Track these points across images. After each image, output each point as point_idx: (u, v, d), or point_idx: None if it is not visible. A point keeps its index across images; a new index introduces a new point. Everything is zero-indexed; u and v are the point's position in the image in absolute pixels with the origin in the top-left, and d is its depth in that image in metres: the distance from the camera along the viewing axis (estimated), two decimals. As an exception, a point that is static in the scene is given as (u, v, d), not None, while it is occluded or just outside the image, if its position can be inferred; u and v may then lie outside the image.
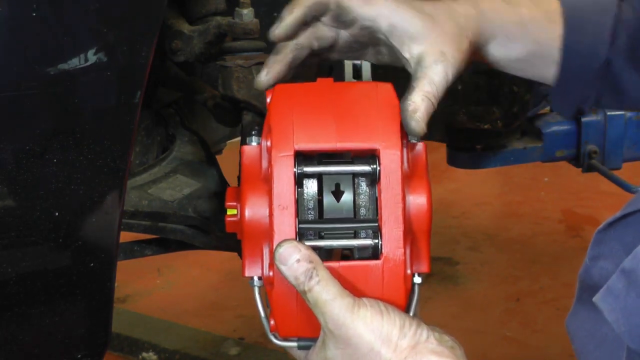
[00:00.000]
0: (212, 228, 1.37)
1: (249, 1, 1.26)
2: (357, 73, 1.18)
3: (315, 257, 0.90)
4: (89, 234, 1.03)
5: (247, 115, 1.32)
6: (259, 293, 0.97)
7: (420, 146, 0.99)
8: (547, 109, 2.24)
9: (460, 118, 1.93)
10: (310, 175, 0.95)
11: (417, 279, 0.96)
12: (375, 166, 0.93)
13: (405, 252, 0.92)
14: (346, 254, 0.99)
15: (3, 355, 1.05)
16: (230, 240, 1.39)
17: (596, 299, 0.91)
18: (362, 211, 0.95)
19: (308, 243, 0.92)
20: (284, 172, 0.92)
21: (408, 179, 0.95)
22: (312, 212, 0.95)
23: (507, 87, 1.93)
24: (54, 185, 0.97)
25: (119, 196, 1.03)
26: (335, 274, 0.91)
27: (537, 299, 3.09)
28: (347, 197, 0.96)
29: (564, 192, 3.94)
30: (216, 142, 1.76)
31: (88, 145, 0.97)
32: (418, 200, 0.95)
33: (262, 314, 0.97)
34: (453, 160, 2.17)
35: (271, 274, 0.93)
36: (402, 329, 0.90)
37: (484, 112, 1.93)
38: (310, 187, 0.95)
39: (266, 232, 0.94)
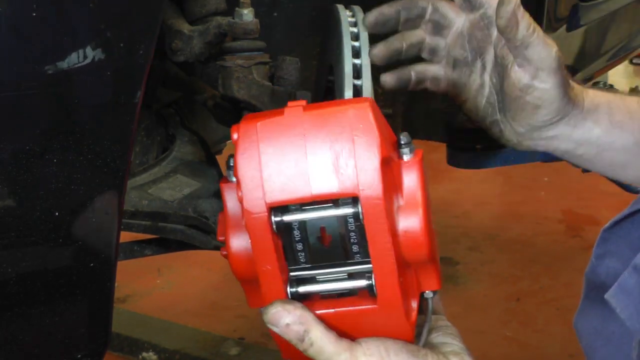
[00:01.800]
0: (212, 228, 1.37)
1: (249, 1, 1.26)
2: (357, 73, 1.18)
3: (306, 316, 0.86)
4: (89, 234, 1.03)
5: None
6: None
7: (414, 161, 0.89)
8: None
9: (460, 118, 1.93)
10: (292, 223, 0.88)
11: (429, 294, 0.92)
12: (357, 208, 0.85)
13: (400, 291, 0.86)
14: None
15: (3, 355, 1.05)
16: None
17: (608, 295, 0.91)
18: (355, 248, 0.89)
19: (302, 289, 0.88)
20: (260, 233, 0.86)
21: (399, 209, 0.87)
22: (303, 255, 0.89)
23: (507, 87, 1.93)
24: (54, 185, 0.97)
25: (119, 196, 1.03)
26: (334, 321, 0.88)
27: (537, 299, 3.09)
28: (334, 239, 0.89)
29: (564, 192, 3.95)
30: (216, 142, 1.76)
31: (88, 145, 0.97)
32: (411, 230, 0.87)
33: None
34: (453, 160, 2.17)
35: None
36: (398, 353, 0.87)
37: (484, 112, 1.93)
38: (296, 232, 0.88)
39: (256, 278, 0.89)
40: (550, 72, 1.04)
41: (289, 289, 0.88)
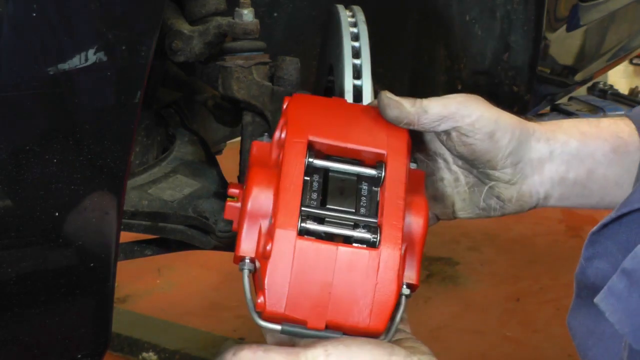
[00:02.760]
0: (212, 228, 1.37)
1: (249, 1, 1.26)
2: (357, 73, 1.18)
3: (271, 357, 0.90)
4: (89, 234, 1.03)
5: (247, 115, 1.32)
6: (248, 276, 0.97)
7: (420, 173, 1.05)
8: (547, 109, 2.24)
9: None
10: (317, 170, 0.98)
11: (406, 291, 0.97)
12: (380, 171, 0.97)
13: (401, 255, 0.93)
14: None
15: (3, 355, 1.05)
16: (230, 240, 1.39)
17: (597, 300, 0.91)
18: (362, 210, 0.97)
19: (310, 226, 0.94)
20: (295, 156, 0.96)
21: (408, 195, 0.97)
22: (315, 202, 0.97)
23: (507, 87, 1.93)
24: (54, 185, 0.97)
25: (119, 196, 1.03)
26: (333, 257, 0.92)
27: (537, 299, 3.09)
28: (349, 195, 0.98)
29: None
30: (216, 142, 1.77)
31: (88, 145, 0.97)
32: (415, 218, 0.98)
33: (249, 295, 0.96)
34: (453, 160, 2.17)
35: (268, 247, 0.93)
36: (368, 352, 0.88)
37: (484, 112, 1.92)
38: (316, 179, 0.98)
39: (267, 212, 0.96)
40: (466, 105, 1.05)
41: (299, 221, 0.94)
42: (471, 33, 1.82)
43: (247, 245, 0.97)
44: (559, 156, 1.11)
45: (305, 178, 0.97)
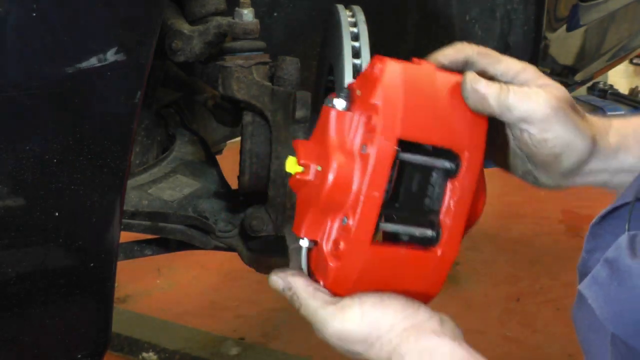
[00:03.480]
0: (212, 228, 1.37)
1: (249, 1, 1.26)
2: (357, 73, 1.18)
3: (295, 281, 0.99)
4: (89, 234, 1.03)
5: (247, 115, 1.32)
6: (306, 254, 1.00)
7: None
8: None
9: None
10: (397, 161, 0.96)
11: None
12: (457, 163, 0.96)
13: (456, 254, 0.98)
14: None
15: (3, 355, 1.05)
16: (230, 240, 1.39)
17: (581, 287, 0.95)
18: (427, 201, 0.98)
19: (384, 226, 0.95)
20: (384, 157, 0.92)
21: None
22: (388, 193, 0.96)
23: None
24: (54, 185, 0.97)
25: (119, 196, 1.03)
26: (394, 257, 0.96)
27: (537, 299, 3.09)
28: (419, 184, 0.98)
29: (564, 192, 3.94)
30: (216, 142, 1.77)
31: (88, 145, 0.97)
32: (476, 204, 1.00)
33: (305, 269, 1.01)
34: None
35: (341, 247, 0.94)
36: (402, 311, 0.95)
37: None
38: (393, 172, 0.96)
39: (341, 204, 0.94)
40: (548, 120, 1.03)
41: (381, 224, 0.95)
42: (471, 33, 1.82)
43: (312, 230, 0.98)
44: (610, 171, 1.10)
45: None
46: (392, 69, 0.95)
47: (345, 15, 1.25)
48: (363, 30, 1.23)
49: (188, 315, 2.97)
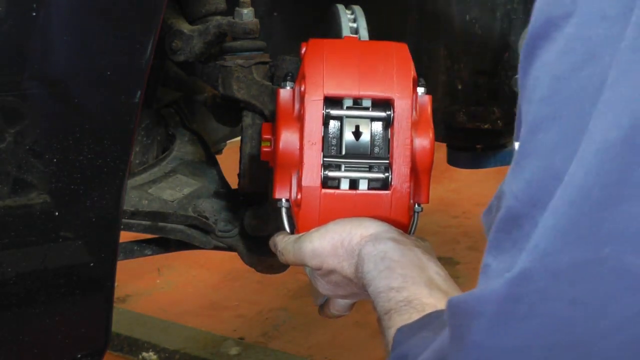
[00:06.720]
0: (212, 228, 1.37)
1: (249, 1, 1.26)
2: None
3: (276, 238, 1.12)
4: (89, 234, 1.03)
5: (247, 117, 1.32)
6: (286, 213, 1.13)
7: (425, 98, 1.14)
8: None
9: (460, 118, 1.93)
10: (334, 117, 1.09)
11: (418, 208, 1.13)
12: (390, 112, 1.07)
13: (410, 186, 1.08)
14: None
15: (3, 355, 1.05)
16: (230, 240, 1.39)
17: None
18: (376, 150, 1.10)
19: (331, 174, 1.07)
20: (314, 113, 1.07)
21: (415, 124, 1.10)
22: (335, 149, 1.09)
23: (507, 87, 1.93)
24: (54, 185, 0.97)
25: (119, 196, 1.03)
26: (351, 201, 1.08)
27: (537, 299, 3.09)
28: (364, 137, 1.10)
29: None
30: (216, 142, 1.76)
31: (88, 145, 0.98)
32: (423, 143, 1.10)
33: (288, 229, 1.13)
34: (453, 160, 2.17)
35: (299, 197, 1.07)
36: (365, 223, 1.03)
37: (484, 112, 1.92)
38: (334, 127, 1.10)
39: (296, 162, 1.09)
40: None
41: (322, 172, 1.07)
42: (471, 33, 1.82)
43: (281, 190, 1.12)
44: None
45: (324, 128, 1.08)
46: (315, 45, 1.11)
47: (345, 15, 1.25)
48: (363, 30, 1.23)
49: (188, 315, 2.97)
